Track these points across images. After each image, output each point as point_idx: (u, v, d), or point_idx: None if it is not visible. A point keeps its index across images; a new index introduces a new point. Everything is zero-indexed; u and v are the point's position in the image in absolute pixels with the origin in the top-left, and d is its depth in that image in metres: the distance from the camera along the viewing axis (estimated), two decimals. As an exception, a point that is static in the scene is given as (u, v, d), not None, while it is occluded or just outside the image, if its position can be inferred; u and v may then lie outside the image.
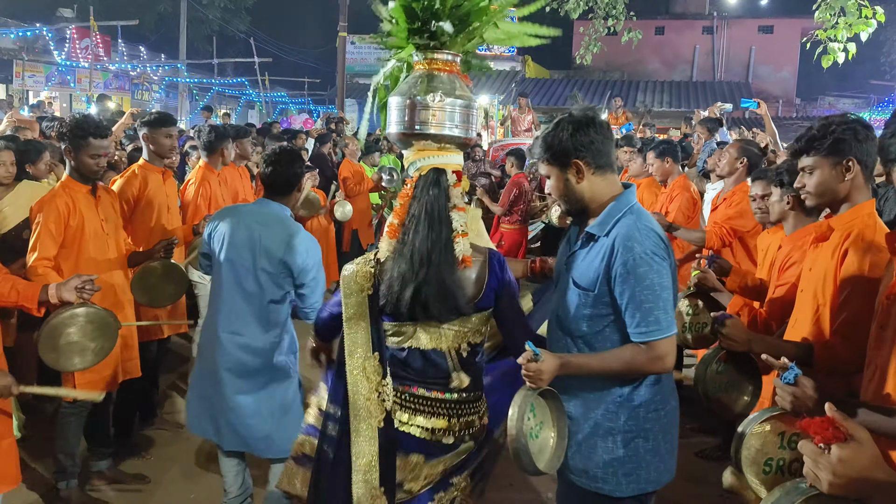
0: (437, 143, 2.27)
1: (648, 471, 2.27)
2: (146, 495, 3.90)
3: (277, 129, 12.04)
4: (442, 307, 2.21)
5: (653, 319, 2.12)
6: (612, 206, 2.23)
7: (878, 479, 1.29)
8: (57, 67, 21.23)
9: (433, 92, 2.21)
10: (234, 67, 31.60)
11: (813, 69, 13.00)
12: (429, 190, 2.25)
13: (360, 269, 2.32)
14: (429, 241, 2.20)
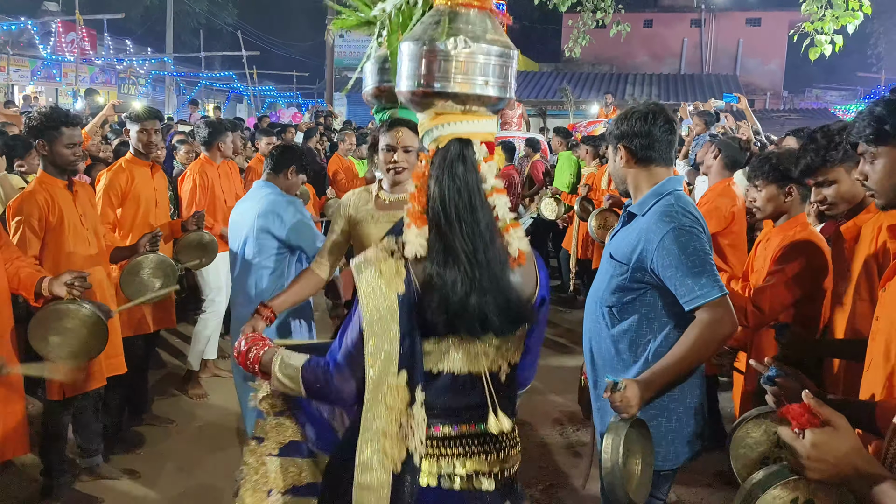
0: (461, 105, 1.70)
1: (668, 449, 2.34)
2: (136, 491, 3.89)
3: (266, 123, 12.01)
4: (504, 318, 1.71)
5: (704, 282, 2.17)
6: (653, 190, 2.38)
7: (856, 464, 1.30)
8: (42, 62, 21.07)
9: (456, 35, 1.66)
10: (222, 61, 31.47)
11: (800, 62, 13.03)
12: (451, 168, 1.69)
13: (382, 265, 1.73)
14: (464, 236, 1.67)
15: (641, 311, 2.35)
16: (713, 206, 4.26)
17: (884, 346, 1.83)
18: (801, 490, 1.44)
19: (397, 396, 1.71)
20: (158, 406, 4.92)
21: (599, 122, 12.27)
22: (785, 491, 1.45)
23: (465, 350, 1.75)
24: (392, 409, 1.71)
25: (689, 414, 2.39)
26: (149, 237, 3.95)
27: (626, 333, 2.39)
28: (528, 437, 4.68)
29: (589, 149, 7.82)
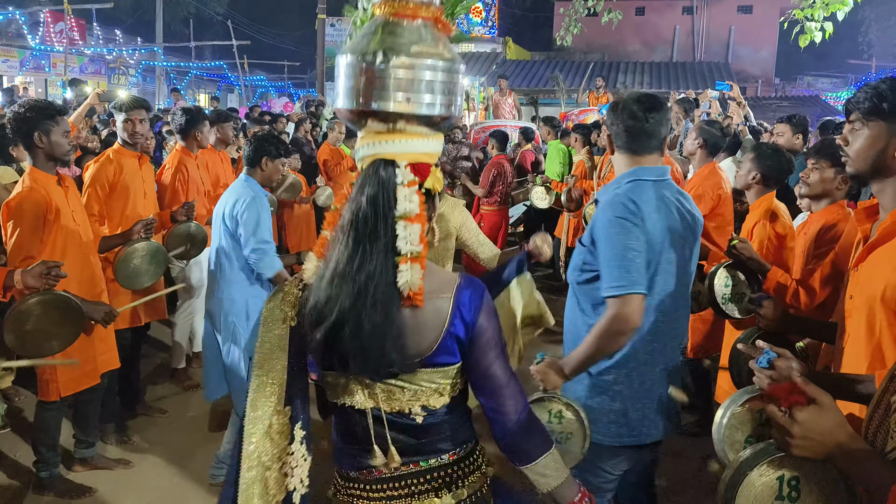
0: (384, 124, 1.55)
1: (608, 427, 2.41)
2: (129, 480, 3.90)
3: (258, 112, 11.96)
4: (363, 361, 1.54)
5: (616, 276, 2.23)
6: (617, 177, 2.44)
7: (840, 441, 1.33)
8: (31, 52, 20.89)
9: (389, 50, 1.50)
10: (212, 51, 31.30)
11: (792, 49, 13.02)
12: (364, 190, 1.55)
13: (287, 290, 1.67)
14: (356, 263, 1.52)
15: (595, 293, 2.37)
16: (700, 190, 4.30)
17: (865, 322, 1.87)
18: (787, 466, 1.47)
19: (283, 431, 1.63)
20: (151, 396, 4.92)
21: (591, 110, 12.26)
22: (771, 468, 1.47)
23: (363, 387, 1.64)
24: (277, 443, 1.63)
25: (637, 399, 2.40)
26: (143, 224, 3.93)
27: (585, 312, 2.47)
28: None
29: (578, 136, 7.83)
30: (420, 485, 1.67)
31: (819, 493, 1.46)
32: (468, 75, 19.98)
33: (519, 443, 1.72)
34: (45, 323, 3.06)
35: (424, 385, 1.64)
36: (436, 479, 1.68)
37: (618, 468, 2.53)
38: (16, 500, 3.68)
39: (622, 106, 2.41)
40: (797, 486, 1.47)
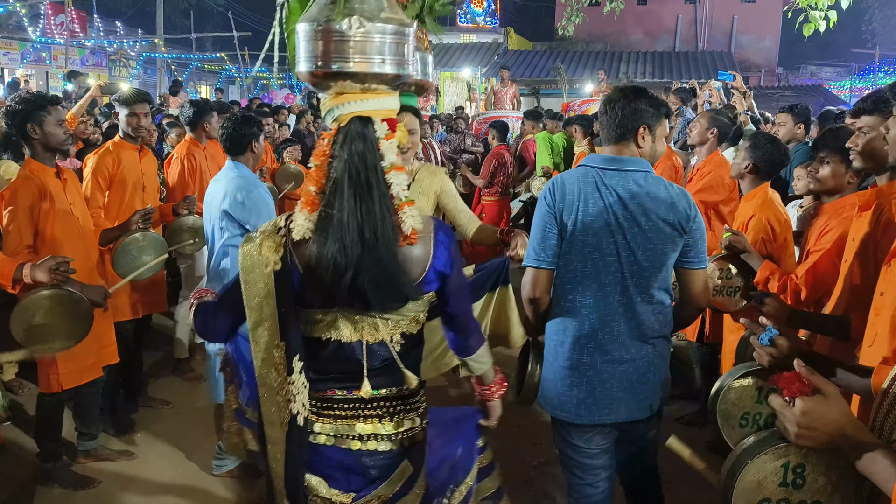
0: (361, 84, 1.71)
1: (558, 401, 2.57)
2: (133, 472, 3.92)
3: (256, 104, 11.93)
4: (384, 296, 1.75)
5: (529, 247, 2.53)
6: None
7: (845, 432, 1.32)
8: (32, 44, 20.85)
9: (351, 16, 1.65)
10: (213, 42, 31.19)
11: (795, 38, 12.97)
12: (351, 146, 1.71)
13: (265, 238, 1.80)
14: (359, 214, 1.70)
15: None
16: (716, 175, 4.29)
17: (889, 322, 1.83)
18: (793, 455, 1.46)
19: (281, 364, 1.83)
20: (154, 388, 4.94)
21: (593, 100, 12.23)
22: (774, 456, 1.47)
23: (351, 322, 1.83)
24: (280, 373, 1.83)
25: (567, 376, 2.53)
26: (141, 214, 3.92)
27: None
28: (523, 416, 4.71)
29: (578, 127, 7.81)
30: (367, 409, 1.90)
31: (826, 481, 1.46)
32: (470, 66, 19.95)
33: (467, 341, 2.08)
34: (53, 318, 3.05)
35: (406, 314, 1.86)
36: (382, 407, 1.91)
37: (592, 443, 2.61)
38: (21, 491, 3.69)
39: (603, 99, 2.58)
40: (802, 473, 1.46)
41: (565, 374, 2.53)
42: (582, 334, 2.49)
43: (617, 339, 2.49)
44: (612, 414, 2.53)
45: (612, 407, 2.52)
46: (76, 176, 3.85)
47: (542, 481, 3.90)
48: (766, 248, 3.46)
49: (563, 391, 2.54)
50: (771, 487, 1.48)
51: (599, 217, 2.41)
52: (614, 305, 2.46)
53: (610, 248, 2.43)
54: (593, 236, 2.42)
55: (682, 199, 2.47)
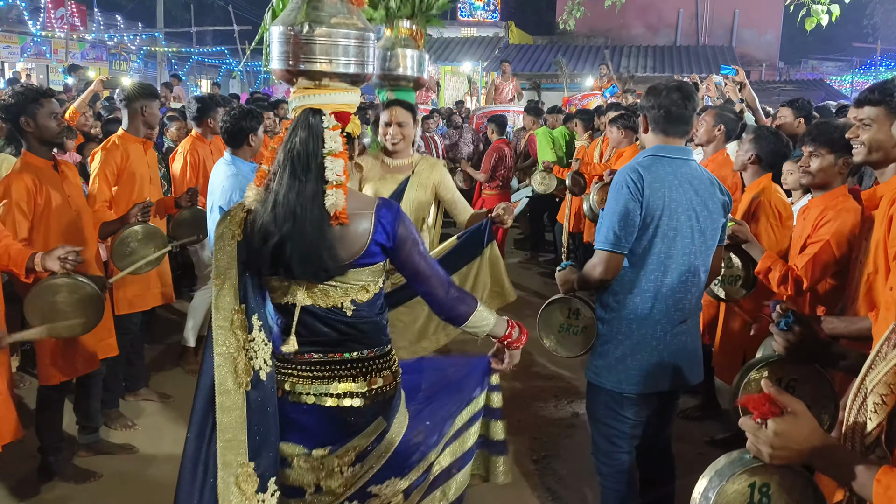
0: (312, 81, 1.98)
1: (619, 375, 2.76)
2: (134, 465, 3.93)
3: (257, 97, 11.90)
4: (305, 268, 1.96)
5: (601, 230, 2.66)
6: (638, 154, 2.81)
7: (815, 446, 1.37)
8: (32, 38, 20.82)
9: (308, 21, 1.92)
10: (213, 36, 31.13)
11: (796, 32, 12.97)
12: (297, 133, 1.97)
13: (233, 213, 2.05)
14: (293, 192, 1.93)
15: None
16: (720, 176, 4.31)
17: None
18: (759, 474, 1.49)
19: (241, 324, 2.01)
20: (156, 381, 4.95)
21: (594, 95, 12.20)
22: (744, 476, 1.50)
23: (303, 288, 2.03)
24: (239, 336, 2.01)
25: (637, 350, 2.72)
26: (139, 207, 3.92)
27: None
28: (523, 409, 4.73)
29: (579, 121, 7.81)
30: (341, 370, 2.09)
31: (788, 497, 1.50)
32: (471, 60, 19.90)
33: (452, 311, 2.20)
34: (66, 305, 3.09)
35: (353, 282, 2.04)
36: (354, 368, 2.09)
37: (639, 415, 2.84)
38: (22, 484, 3.71)
39: (665, 92, 2.68)
40: (767, 492, 1.50)
41: (638, 350, 2.72)
42: (660, 313, 2.69)
43: (686, 314, 2.75)
44: (673, 381, 2.78)
45: (673, 373, 2.77)
46: (75, 169, 3.85)
47: (542, 475, 3.91)
48: (773, 231, 3.49)
49: (632, 366, 2.73)
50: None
51: (681, 203, 2.62)
52: (687, 285, 2.71)
53: (687, 230, 2.65)
54: (677, 220, 2.62)
55: (719, 183, 2.79)
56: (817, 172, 3.21)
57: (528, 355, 5.62)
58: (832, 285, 3.17)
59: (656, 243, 2.63)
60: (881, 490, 1.28)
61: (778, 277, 3.21)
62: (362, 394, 2.10)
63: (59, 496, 3.63)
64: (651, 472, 3.05)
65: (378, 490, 2.16)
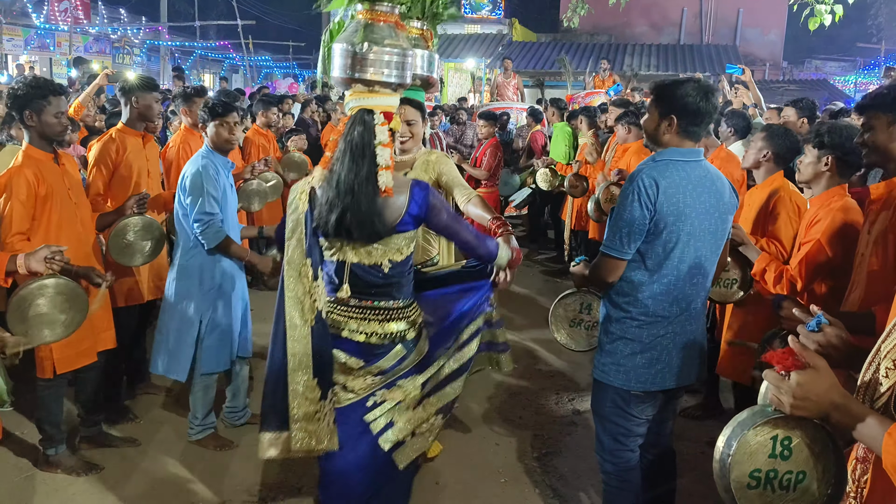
0: (368, 87, 2.47)
1: (623, 372, 2.78)
2: (136, 458, 3.94)
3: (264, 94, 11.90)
4: (362, 231, 2.48)
5: (607, 236, 2.71)
6: (650, 157, 2.79)
7: (834, 401, 1.47)
8: (36, 31, 20.82)
9: (366, 41, 2.42)
10: (217, 30, 31.10)
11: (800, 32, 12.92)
12: (355, 127, 2.47)
13: (301, 188, 2.58)
14: (352, 173, 2.44)
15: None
16: (725, 172, 4.31)
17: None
18: (781, 428, 1.58)
19: (308, 274, 2.53)
20: (157, 375, 4.94)
21: (598, 92, 12.19)
22: (766, 428, 1.59)
23: (354, 249, 2.55)
24: (306, 283, 2.53)
25: (647, 350, 2.74)
26: (136, 199, 3.92)
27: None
28: (525, 406, 4.73)
29: (584, 118, 7.79)
30: (370, 314, 2.62)
31: (809, 452, 1.59)
32: (474, 57, 19.88)
33: (484, 252, 2.78)
34: (50, 307, 3.04)
35: (392, 245, 2.57)
36: (381, 314, 2.62)
37: (644, 413, 2.86)
38: (24, 477, 3.72)
39: (691, 94, 2.64)
40: (789, 445, 1.59)
41: (648, 349, 2.74)
42: (672, 314, 2.72)
43: (692, 313, 2.77)
44: (679, 378, 2.79)
45: (679, 372, 2.78)
46: (75, 162, 3.85)
47: (544, 472, 3.92)
48: (792, 225, 3.50)
49: (641, 364, 2.76)
50: (761, 458, 1.59)
51: (696, 207, 2.62)
52: (698, 286, 2.74)
53: (702, 234, 2.66)
54: (691, 225, 2.63)
55: (727, 181, 2.78)
56: (804, 168, 3.28)
57: (529, 352, 5.62)
58: (829, 285, 3.18)
59: (672, 248, 2.64)
60: (892, 442, 1.37)
61: (773, 278, 3.23)
62: (384, 335, 2.62)
63: (60, 488, 3.63)
64: (653, 469, 3.05)
65: (402, 383, 2.69)
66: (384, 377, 2.66)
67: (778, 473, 1.60)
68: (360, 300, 2.61)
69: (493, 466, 3.93)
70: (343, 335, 2.62)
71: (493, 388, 4.94)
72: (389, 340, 2.63)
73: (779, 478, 1.60)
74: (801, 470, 1.60)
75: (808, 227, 3.22)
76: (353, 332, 2.61)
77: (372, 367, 2.63)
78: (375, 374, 2.64)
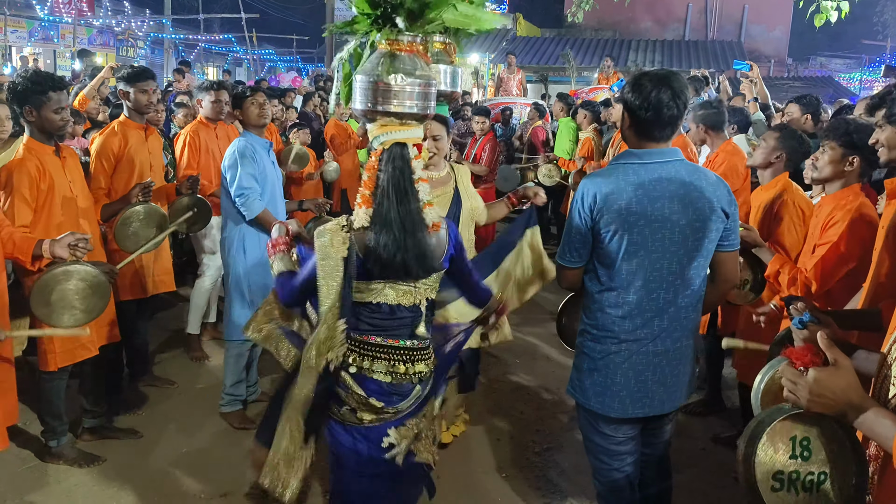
0: (399, 119, 2.39)
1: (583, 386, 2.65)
2: (138, 450, 3.95)
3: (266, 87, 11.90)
4: (421, 268, 2.42)
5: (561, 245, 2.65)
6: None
7: (851, 400, 1.45)
8: (40, 23, 20.81)
9: (395, 73, 2.33)
10: (221, 23, 31.05)
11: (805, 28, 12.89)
12: (394, 163, 2.39)
13: (334, 237, 2.43)
14: (401, 211, 2.37)
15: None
16: (731, 164, 4.29)
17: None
18: (799, 428, 1.60)
19: (334, 319, 2.44)
20: (160, 368, 4.97)
21: (601, 88, 12.17)
22: (786, 423, 1.60)
23: (395, 289, 2.47)
24: (331, 328, 2.44)
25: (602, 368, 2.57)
26: (140, 187, 3.92)
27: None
28: (526, 401, 4.73)
29: (587, 114, 7.75)
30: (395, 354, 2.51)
31: (828, 451, 1.60)
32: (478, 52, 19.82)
33: (480, 297, 2.80)
34: (72, 293, 3.08)
35: (429, 284, 2.53)
36: (405, 353, 2.52)
37: (620, 432, 2.65)
38: (26, 468, 3.73)
39: (653, 91, 2.41)
40: (808, 445, 1.60)
41: (603, 367, 2.57)
42: (625, 332, 2.53)
43: (658, 332, 2.53)
44: (646, 408, 2.57)
45: (645, 401, 2.56)
46: (76, 154, 3.85)
47: (544, 467, 3.92)
48: (796, 231, 3.47)
49: (599, 382, 2.58)
50: (783, 460, 1.60)
51: (646, 215, 2.42)
52: (661, 303, 2.50)
53: (657, 245, 2.44)
54: (640, 235, 2.43)
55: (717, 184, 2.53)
56: (824, 166, 3.17)
57: (531, 347, 5.62)
58: (843, 284, 3.14)
59: (616, 260, 2.47)
60: None
61: (787, 280, 3.17)
62: (411, 375, 2.53)
63: (62, 480, 3.64)
64: (645, 470, 2.90)
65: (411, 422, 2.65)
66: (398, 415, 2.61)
67: (800, 475, 1.60)
68: (385, 339, 2.51)
69: (494, 461, 3.94)
70: (370, 375, 2.51)
71: (494, 384, 4.94)
72: (417, 380, 2.55)
73: (801, 479, 1.60)
74: (822, 470, 1.60)
75: (824, 228, 3.13)
76: (379, 372, 2.51)
77: (390, 408, 2.55)
78: (392, 412, 2.57)
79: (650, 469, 2.87)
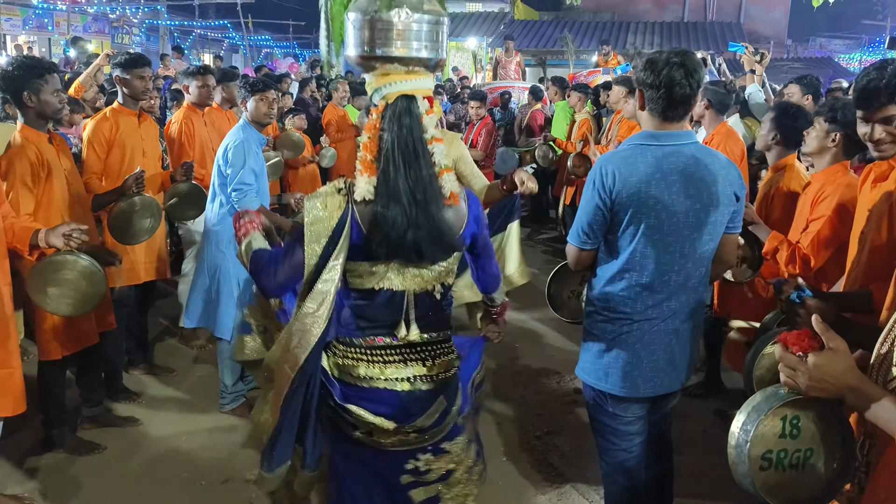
0: (405, 67, 1.95)
1: (593, 367, 2.63)
2: (138, 438, 3.95)
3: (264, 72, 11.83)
4: (436, 248, 2.00)
5: (573, 226, 2.55)
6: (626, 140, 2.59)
7: (850, 383, 1.46)
8: (33, 10, 20.67)
9: (397, 7, 1.89)
10: (217, 9, 30.81)
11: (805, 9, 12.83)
12: (399, 120, 1.95)
13: (328, 198, 1.99)
14: (409, 179, 1.94)
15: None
16: (725, 148, 4.28)
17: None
18: (790, 407, 1.59)
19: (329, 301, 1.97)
20: (159, 355, 4.96)
21: (599, 71, 12.10)
22: (784, 410, 1.59)
23: (401, 274, 2.05)
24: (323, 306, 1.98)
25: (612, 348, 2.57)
26: (133, 177, 3.89)
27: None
28: (527, 386, 4.73)
29: (581, 96, 7.72)
30: (432, 350, 2.14)
31: (815, 429, 1.60)
32: (476, 36, 19.73)
33: (491, 281, 2.45)
34: (67, 283, 3.07)
35: (448, 266, 2.10)
36: (423, 351, 2.13)
37: (629, 412, 2.66)
38: (26, 457, 3.73)
39: (666, 69, 2.36)
40: (797, 424, 1.60)
41: (613, 347, 2.57)
42: (637, 313, 2.52)
43: (668, 312, 2.53)
44: (654, 386, 2.59)
45: (654, 380, 2.57)
46: (66, 141, 3.83)
47: (545, 450, 3.92)
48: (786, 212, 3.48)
49: (609, 363, 2.58)
50: (772, 440, 1.59)
51: (663, 199, 2.39)
52: (671, 285, 2.50)
53: (671, 228, 2.43)
54: (656, 218, 2.41)
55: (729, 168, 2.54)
56: (811, 141, 3.25)
57: (531, 332, 5.62)
58: (837, 262, 3.15)
59: (631, 241, 2.43)
60: None
61: (786, 257, 3.19)
62: (431, 377, 2.13)
63: (62, 468, 3.64)
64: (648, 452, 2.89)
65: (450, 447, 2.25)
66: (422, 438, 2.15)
67: (788, 453, 1.61)
68: (395, 338, 2.12)
69: (494, 445, 3.93)
70: (377, 386, 2.10)
71: (495, 368, 4.93)
72: (436, 385, 2.13)
73: (789, 457, 1.61)
74: (809, 447, 1.61)
75: (815, 203, 3.18)
76: (390, 380, 2.10)
77: (407, 427, 2.09)
78: (411, 432, 2.12)
79: (653, 447, 2.88)
